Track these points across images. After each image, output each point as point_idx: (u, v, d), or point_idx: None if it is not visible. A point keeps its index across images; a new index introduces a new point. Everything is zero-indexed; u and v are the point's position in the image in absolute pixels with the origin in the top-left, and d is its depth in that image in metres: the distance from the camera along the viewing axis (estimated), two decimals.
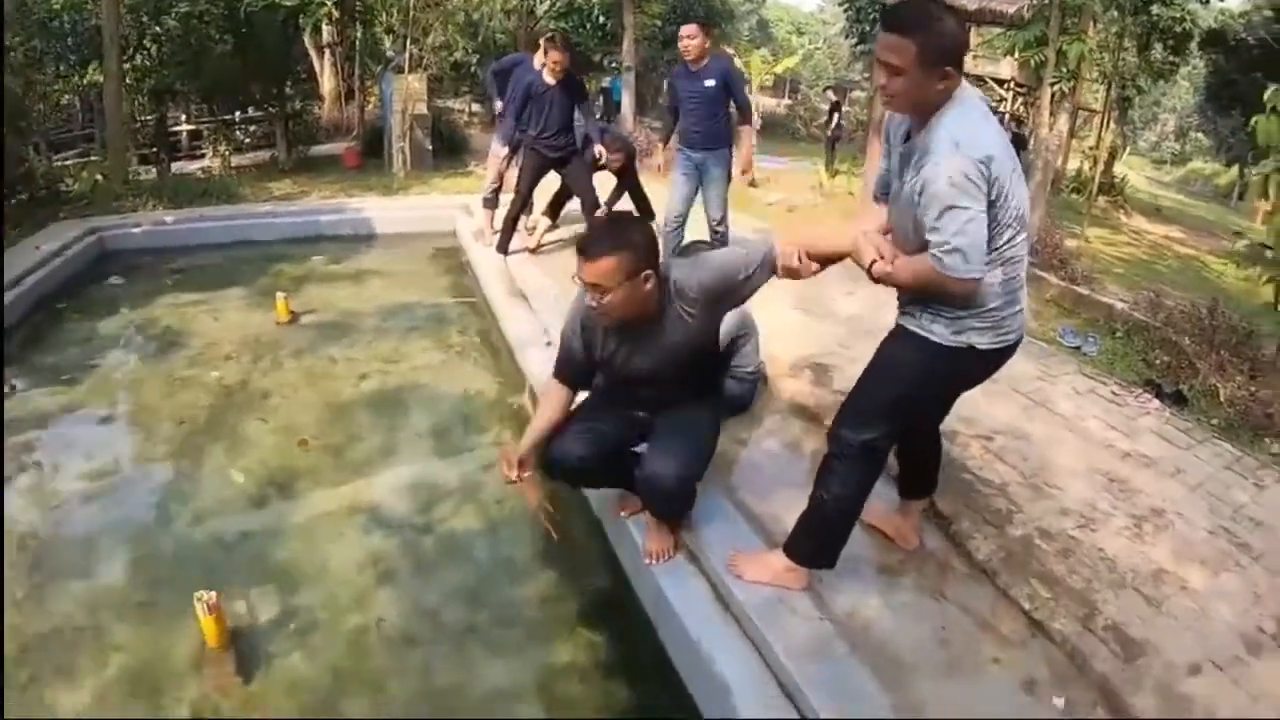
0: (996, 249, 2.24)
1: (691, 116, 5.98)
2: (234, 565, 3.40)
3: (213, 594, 2.84)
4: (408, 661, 2.94)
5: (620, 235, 2.59)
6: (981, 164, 2.11)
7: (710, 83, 5.86)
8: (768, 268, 2.64)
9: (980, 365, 2.49)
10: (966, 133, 2.13)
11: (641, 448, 3.05)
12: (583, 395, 3.11)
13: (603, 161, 6.68)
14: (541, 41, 6.42)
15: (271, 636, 3.04)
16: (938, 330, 2.37)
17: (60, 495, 3.90)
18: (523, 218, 7.13)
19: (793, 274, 2.56)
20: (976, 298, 2.29)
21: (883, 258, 2.34)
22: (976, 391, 2.74)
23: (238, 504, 3.85)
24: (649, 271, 2.58)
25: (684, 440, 2.86)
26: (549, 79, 6.30)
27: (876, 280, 2.40)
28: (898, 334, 2.51)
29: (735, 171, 6.27)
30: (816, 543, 2.75)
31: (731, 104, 6.04)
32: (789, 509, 3.09)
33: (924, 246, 2.24)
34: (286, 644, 3.01)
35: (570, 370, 2.99)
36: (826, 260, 2.53)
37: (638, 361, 2.85)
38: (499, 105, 7.09)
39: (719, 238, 6.15)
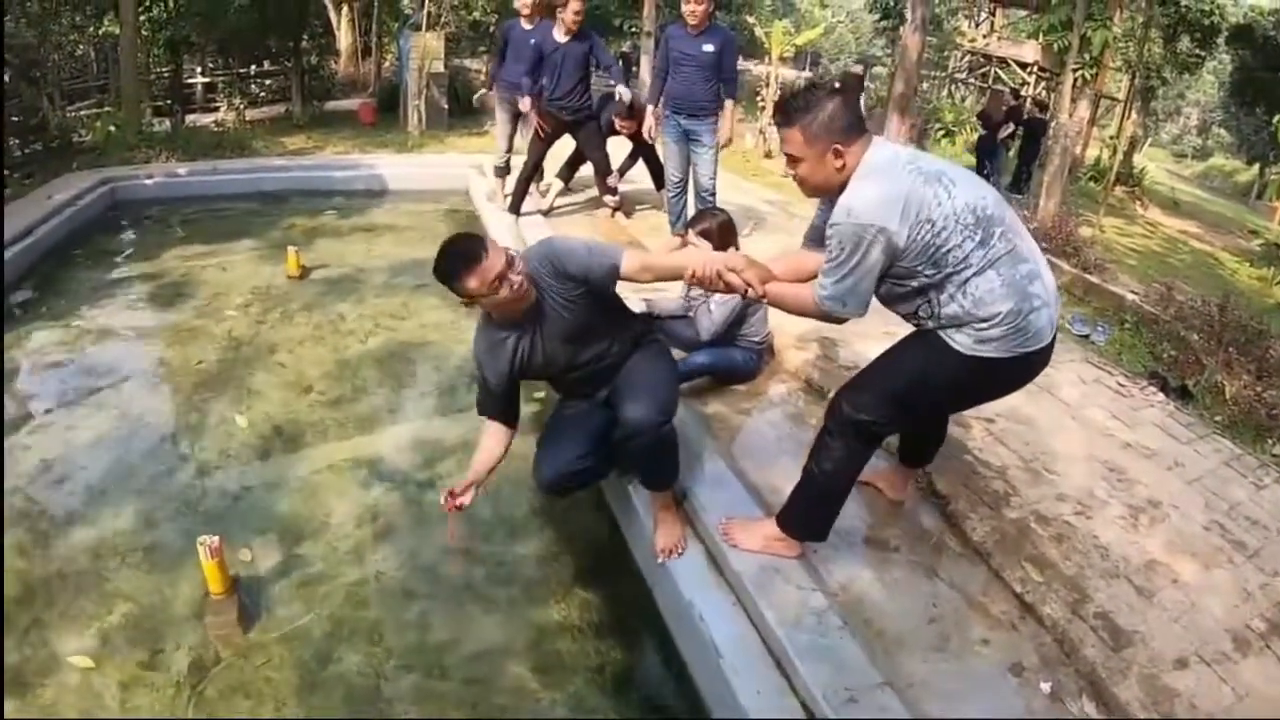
0: (962, 260, 2.27)
1: (686, 82, 5.75)
2: (237, 515, 3.44)
3: (215, 538, 2.86)
4: (405, 615, 2.98)
5: (470, 245, 2.63)
6: (872, 230, 2.22)
7: (709, 47, 5.65)
8: (610, 266, 2.67)
9: (1007, 374, 2.49)
10: (860, 200, 2.23)
11: None
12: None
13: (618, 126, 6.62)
14: None
15: (273, 586, 3.08)
16: (959, 339, 2.37)
17: (67, 441, 3.93)
18: (535, 179, 7.10)
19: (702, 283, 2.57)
20: (982, 305, 2.32)
21: (750, 285, 2.44)
22: None
23: (242, 454, 3.88)
24: (510, 257, 2.61)
25: (647, 383, 2.87)
26: (559, 36, 6.09)
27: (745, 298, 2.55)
28: (922, 333, 2.49)
29: (720, 141, 6.06)
30: (807, 515, 2.77)
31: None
32: (787, 478, 3.11)
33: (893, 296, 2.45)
34: (287, 593, 3.05)
35: (495, 407, 2.96)
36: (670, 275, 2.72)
37: (553, 352, 2.85)
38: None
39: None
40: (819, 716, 2.29)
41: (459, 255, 2.60)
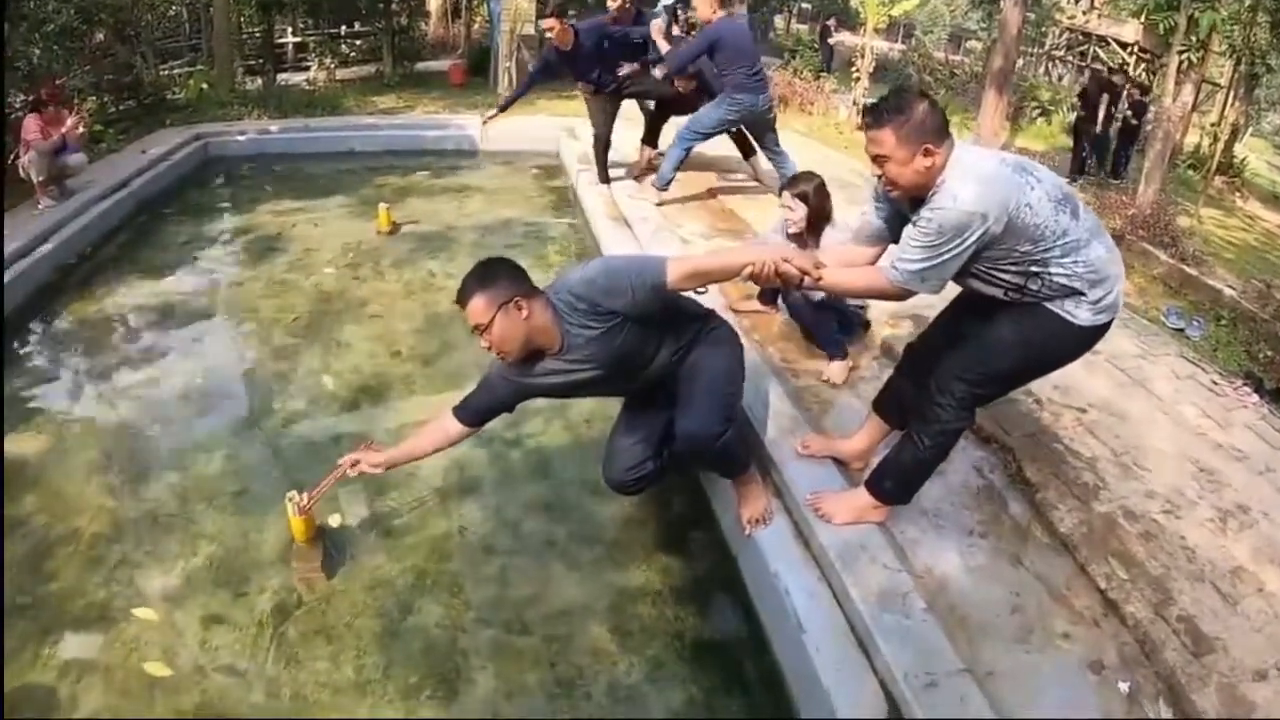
0: (1062, 233, 2.37)
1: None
2: (325, 464, 3.45)
3: (303, 495, 2.97)
4: (486, 569, 3.06)
5: (482, 273, 2.57)
6: (978, 218, 2.29)
7: None
8: (653, 286, 2.54)
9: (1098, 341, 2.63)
10: (966, 189, 2.30)
11: None
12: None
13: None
14: None
15: (358, 535, 3.19)
16: (1082, 315, 2.47)
17: (158, 389, 4.11)
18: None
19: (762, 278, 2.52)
20: (1093, 273, 2.43)
21: (805, 273, 2.45)
22: (1075, 363, 2.74)
23: (331, 406, 4.01)
24: (518, 299, 2.52)
25: (703, 390, 2.79)
26: (560, 46, 6.26)
27: (800, 287, 2.61)
28: (1034, 309, 2.52)
29: None
30: (904, 482, 2.83)
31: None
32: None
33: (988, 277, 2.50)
34: (372, 543, 3.15)
35: (481, 414, 2.88)
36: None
37: (595, 379, 2.75)
38: None
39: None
40: (898, 698, 2.30)
41: (460, 288, 2.58)
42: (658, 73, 6.43)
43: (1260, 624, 2.72)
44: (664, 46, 6.38)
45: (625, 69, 6.50)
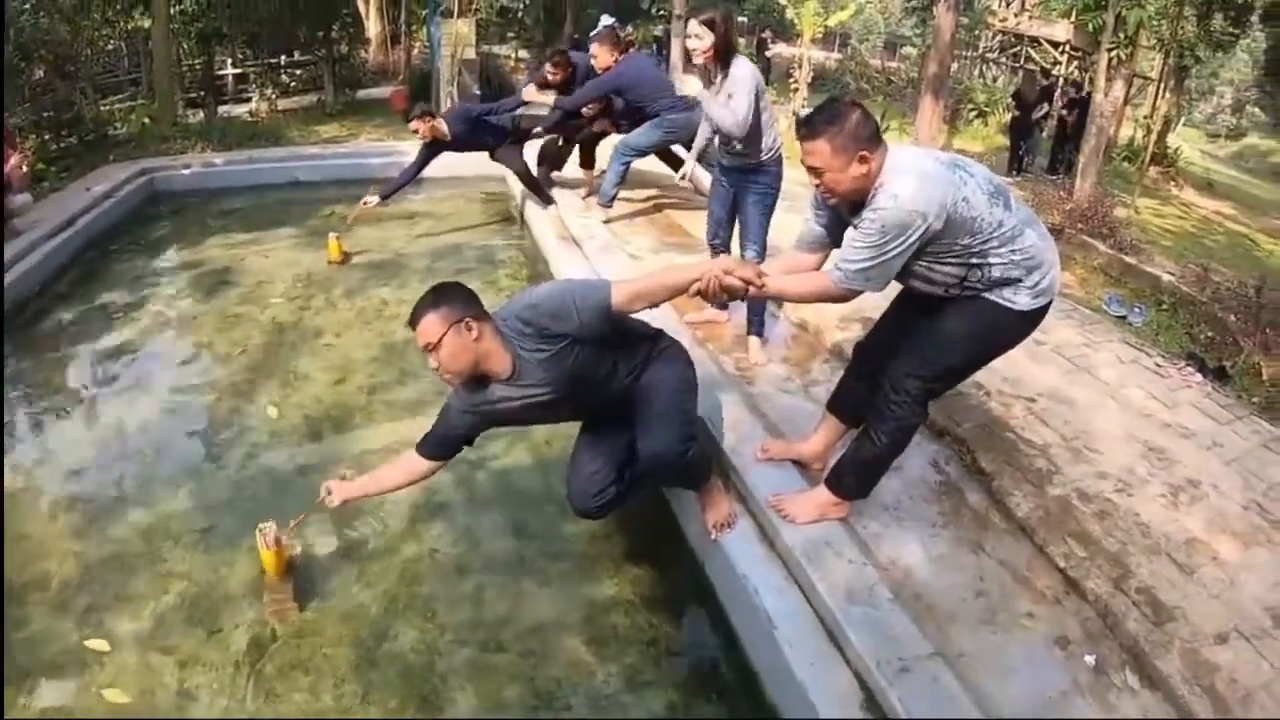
0: (998, 224, 2.46)
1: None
2: (290, 496, 3.50)
3: (274, 527, 2.95)
4: (459, 590, 3.06)
5: (434, 294, 2.60)
6: (918, 217, 2.36)
7: None
8: (597, 309, 2.59)
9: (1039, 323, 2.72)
10: (905, 190, 2.37)
11: None
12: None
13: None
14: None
15: (329, 563, 3.17)
16: (1020, 300, 2.56)
17: (117, 427, 4.05)
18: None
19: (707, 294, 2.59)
20: (1029, 260, 2.52)
21: (749, 283, 2.54)
22: (1021, 354, 2.83)
23: (292, 437, 3.98)
24: (468, 319, 2.55)
25: (663, 410, 2.82)
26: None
27: (745, 298, 2.65)
28: (975, 301, 2.60)
29: None
30: (862, 478, 2.90)
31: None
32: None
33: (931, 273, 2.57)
34: (343, 570, 3.14)
35: (442, 446, 2.90)
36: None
37: (549, 405, 2.79)
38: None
39: None
40: (872, 685, 2.35)
41: (413, 309, 2.59)
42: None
43: (1217, 591, 2.82)
44: (547, 99, 6.45)
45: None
